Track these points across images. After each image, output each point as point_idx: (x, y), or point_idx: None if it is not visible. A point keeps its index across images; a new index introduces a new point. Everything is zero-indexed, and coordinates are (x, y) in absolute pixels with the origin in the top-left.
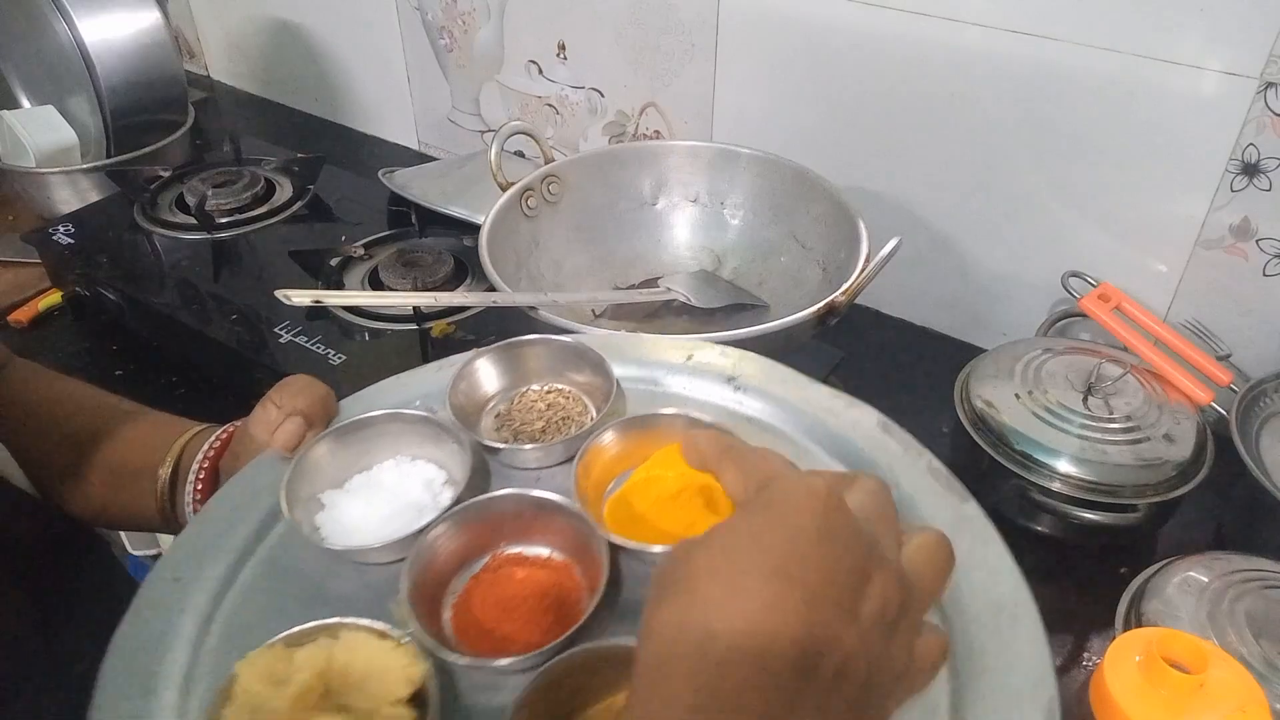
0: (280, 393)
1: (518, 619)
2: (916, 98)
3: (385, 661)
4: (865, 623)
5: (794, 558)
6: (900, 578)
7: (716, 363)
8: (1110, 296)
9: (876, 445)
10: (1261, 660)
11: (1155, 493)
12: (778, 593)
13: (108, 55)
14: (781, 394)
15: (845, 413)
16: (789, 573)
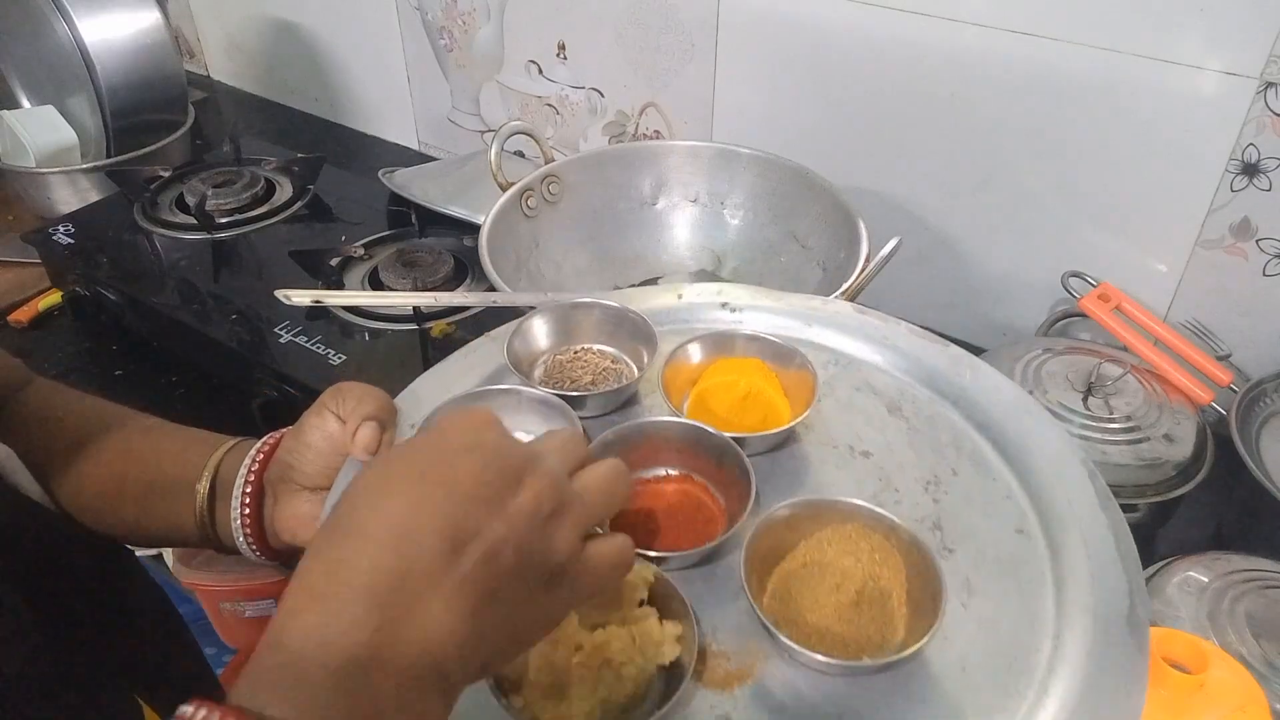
0: (338, 401)
1: (679, 525)
2: (916, 98)
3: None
4: (514, 516)
5: (440, 465)
6: (557, 483)
7: (705, 295)
8: (1110, 296)
9: (860, 324)
10: (1261, 660)
11: (1155, 493)
12: (421, 493)
13: (108, 55)
14: (769, 304)
15: (824, 306)
16: (432, 477)
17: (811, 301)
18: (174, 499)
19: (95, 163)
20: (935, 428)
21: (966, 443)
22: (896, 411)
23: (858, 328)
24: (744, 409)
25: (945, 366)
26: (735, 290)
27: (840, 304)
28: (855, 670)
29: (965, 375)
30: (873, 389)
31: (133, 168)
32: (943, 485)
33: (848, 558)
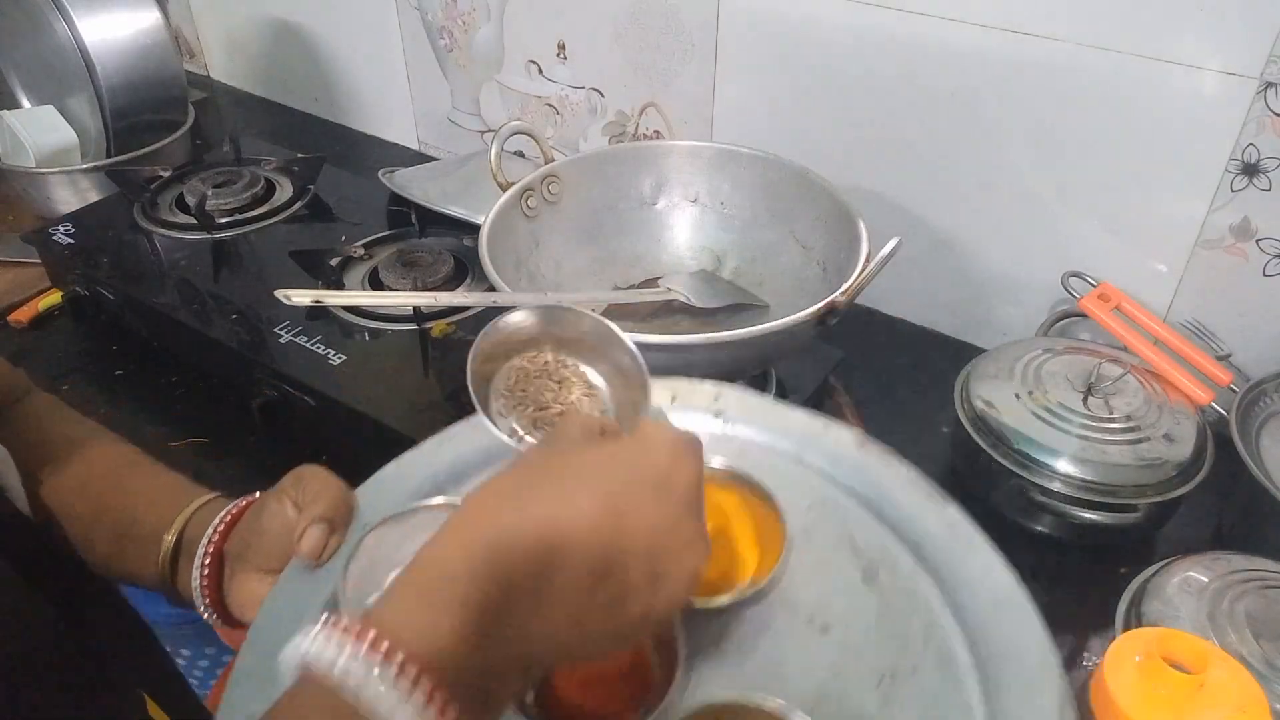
0: (298, 489)
1: (600, 695)
2: (916, 97)
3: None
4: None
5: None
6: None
7: (699, 398)
8: (1110, 296)
9: (859, 460)
10: (1261, 660)
11: (1155, 493)
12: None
13: (108, 55)
14: (764, 420)
15: (827, 431)
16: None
17: (814, 424)
18: (142, 546)
19: (95, 163)
20: (909, 607)
21: (938, 633)
22: (872, 580)
23: (856, 465)
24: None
25: (938, 533)
26: (733, 398)
27: (843, 432)
28: None
29: (959, 547)
30: (853, 545)
31: (133, 168)
32: (898, 682)
33: None
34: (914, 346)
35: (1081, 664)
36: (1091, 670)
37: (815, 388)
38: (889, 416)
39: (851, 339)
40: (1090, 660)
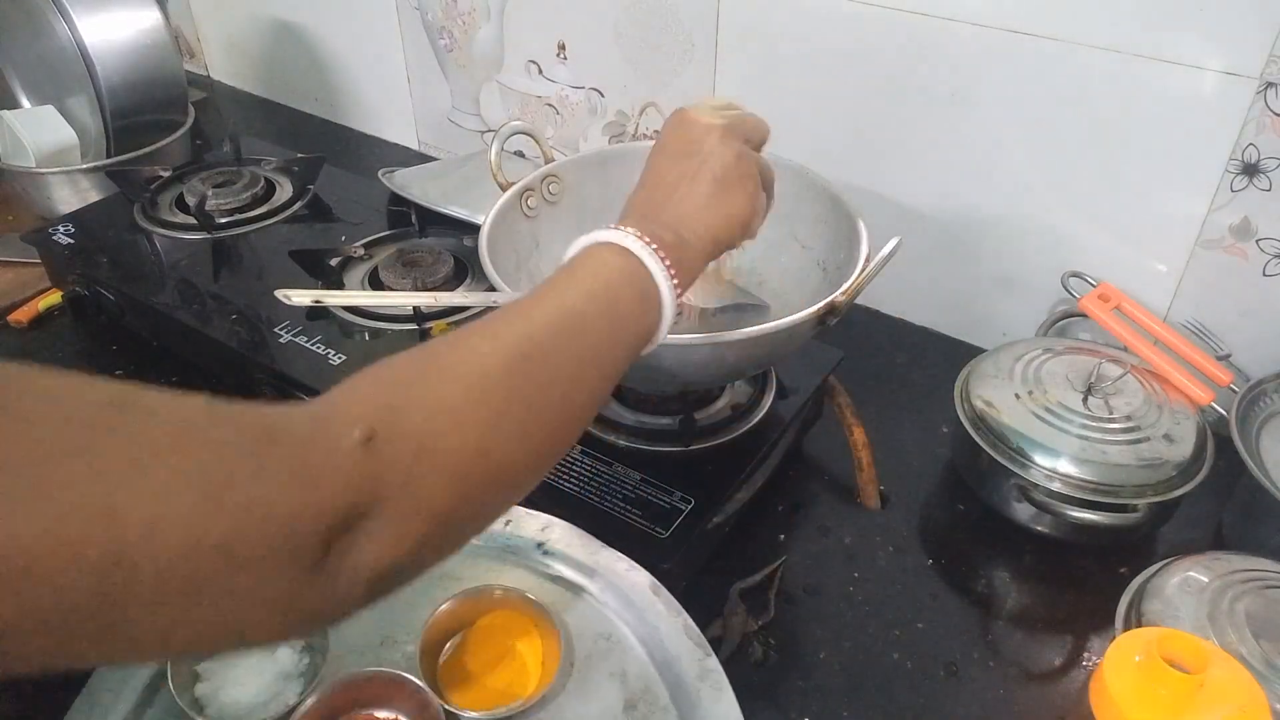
0: None
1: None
2: (916, 97)
3: None
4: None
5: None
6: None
7: (528, 528)
8: (1110, 296)
9: (647, 602)
10: (1261, 660)
11: (1155, 493)
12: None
13: (108, 55)
14: (580, 557)
15: (626, 575)
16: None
17: (618, 565)
18: None
19: (95, 163)
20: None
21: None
22: (631, 710)
23: (643, 608)
24: (496, 668)
25: (694, 677)
26: (558, 531)
27: (641, 576)
28: None
29: (707, 691)
30: (624, 678)
31: (133, 168)
32: None
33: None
34: (914, 346)
35: (1081, 664)
36: (1091, 670)
37: (815, 388)
38: (889, 416)
39: (851, 339)
40: (1090, 660)
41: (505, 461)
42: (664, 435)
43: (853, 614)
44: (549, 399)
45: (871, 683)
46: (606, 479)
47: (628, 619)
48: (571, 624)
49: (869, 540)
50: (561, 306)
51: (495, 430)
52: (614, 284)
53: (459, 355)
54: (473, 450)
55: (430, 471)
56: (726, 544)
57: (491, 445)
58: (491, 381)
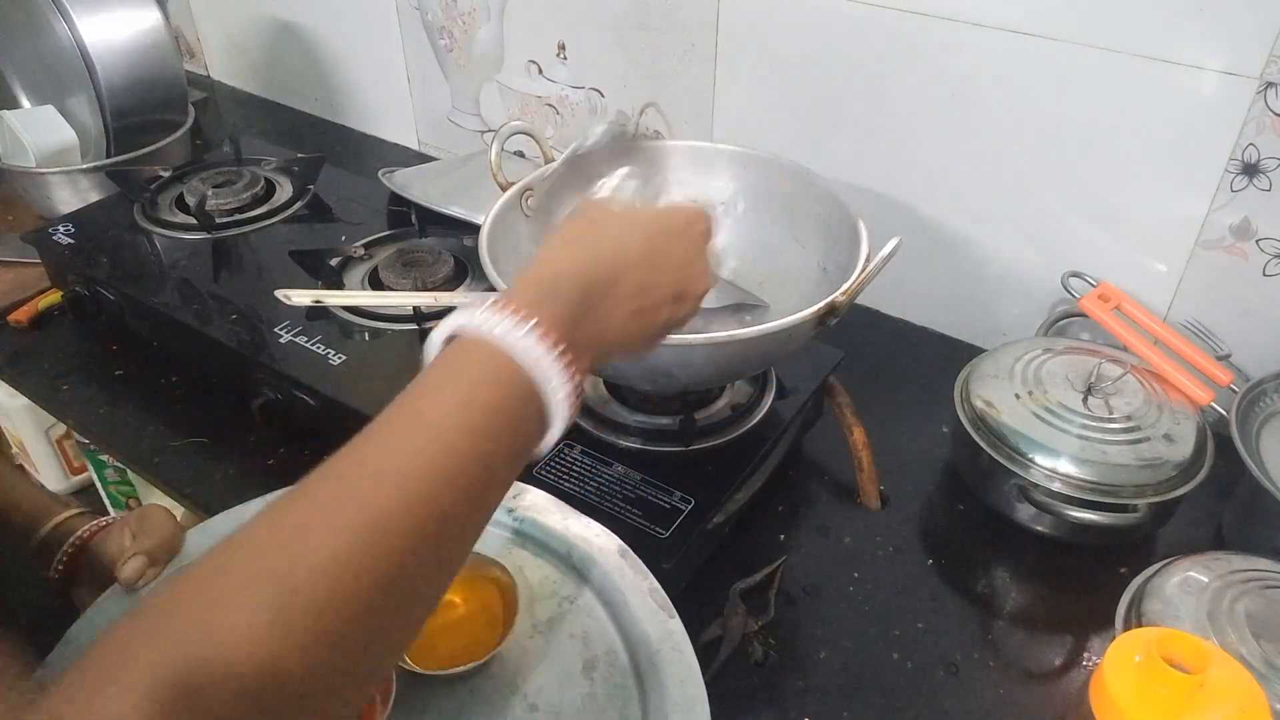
0: (138, 522)
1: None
2: (917, 98)
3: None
4: (690, 298)
5: (661, 240)
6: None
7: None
8: (1110, 296)
9: (614, 566)
10: (1261, 660)
11: (1155, 493)
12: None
13: (108, 55)
14: (550, 523)
15: (595, 540)
16: (659, 245)
17: (587, 530)
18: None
19: (95, 163)
20: (610, 699)
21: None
22: (590, 672)
23: (609, 571)
24: (456, 630)
25: (656, 639)
26: (529, 499)
27: (610, 541)
28: None
29: (667, 653)
30: (585, 640)
31: (133, 168)
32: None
33: None
34: (914, 346)
35: (1081, 664)
36: (1091, 670)
37: (815, 388)
38: (889, 416)
39: (851, 339)
40: (1090, 660)
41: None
42: (664, 435)
43: (853, 614)
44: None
45: (871, 683)
46: (606, 479)
47: (593, 582)
48: (535, 586)
49: (869, 540)
50: (410, 473)
51: (310, 658)
52: (489, 410)
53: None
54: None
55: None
56: (726, 544)
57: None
58: (304, 604)
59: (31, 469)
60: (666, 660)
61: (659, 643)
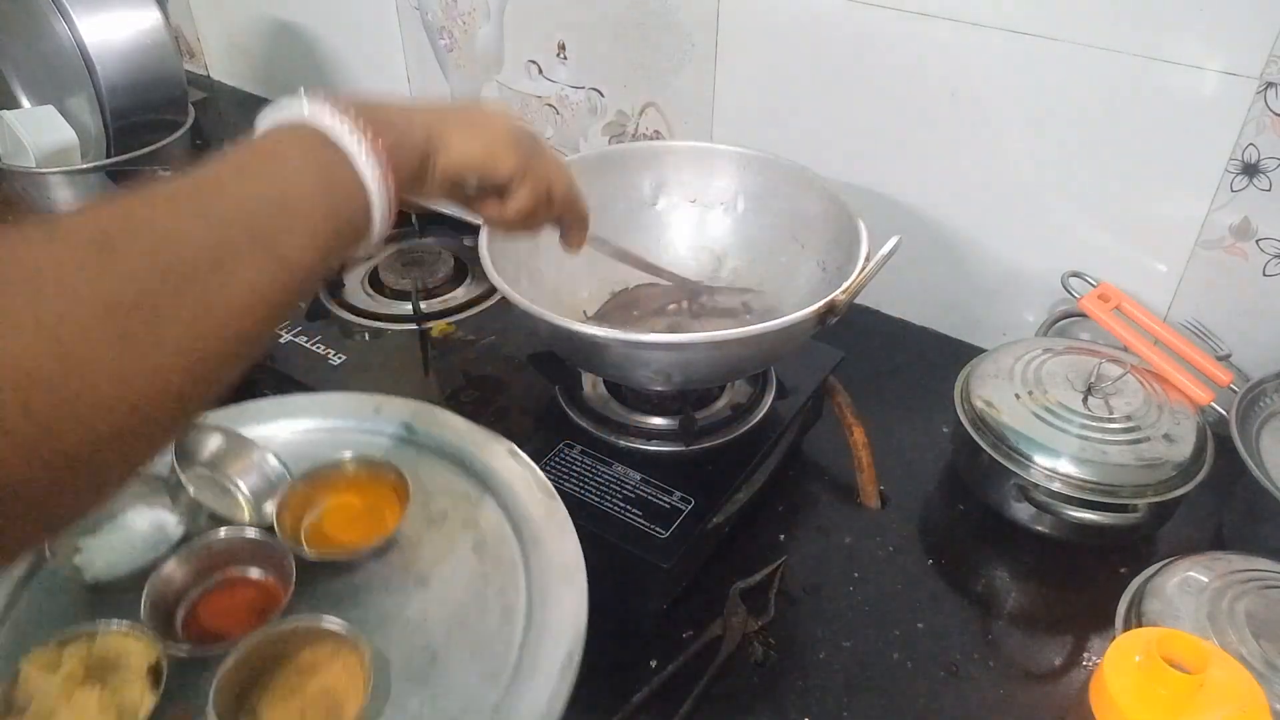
0: None
1: (231, 622)
2: (916, 97)
3: (130, 648)
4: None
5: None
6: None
7: (401, 413)
8: (1110, 296)
9: (504, 465)
10: (1261, 660)
11: (1155, 493)
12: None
13: (108, 55)
14: (449, 437)
15: (486, 444)
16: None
17: (476, 435)
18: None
19: (95, 163)
20: (498, 573)
21: (510, 594)
22: (480, 550)
23: (499, 470)
24: (353, 527)
25: (538, 521)
26: (424, 412)
27: (499, 445)
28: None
29: (553, 530)
30: (477, 526)
31: (133, 168)
32: (466, 627)
33: (326, 675)
34: (914, 346)
35: (1081, 664)
36: (1091, 670)
37: (815, 387)
38: (889, 416)
39: (851, 339)
40: (1090, 660)
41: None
42: (664, 435)
43: (853, 614)
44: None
45: (871, 683)
46: (606, 479)
47: (484, 481)
48: (431, 485)
49: (869, 540)
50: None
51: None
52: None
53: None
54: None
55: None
56: (726, 544)
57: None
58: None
59: None
60: (550, 536)
61: (543, 521)
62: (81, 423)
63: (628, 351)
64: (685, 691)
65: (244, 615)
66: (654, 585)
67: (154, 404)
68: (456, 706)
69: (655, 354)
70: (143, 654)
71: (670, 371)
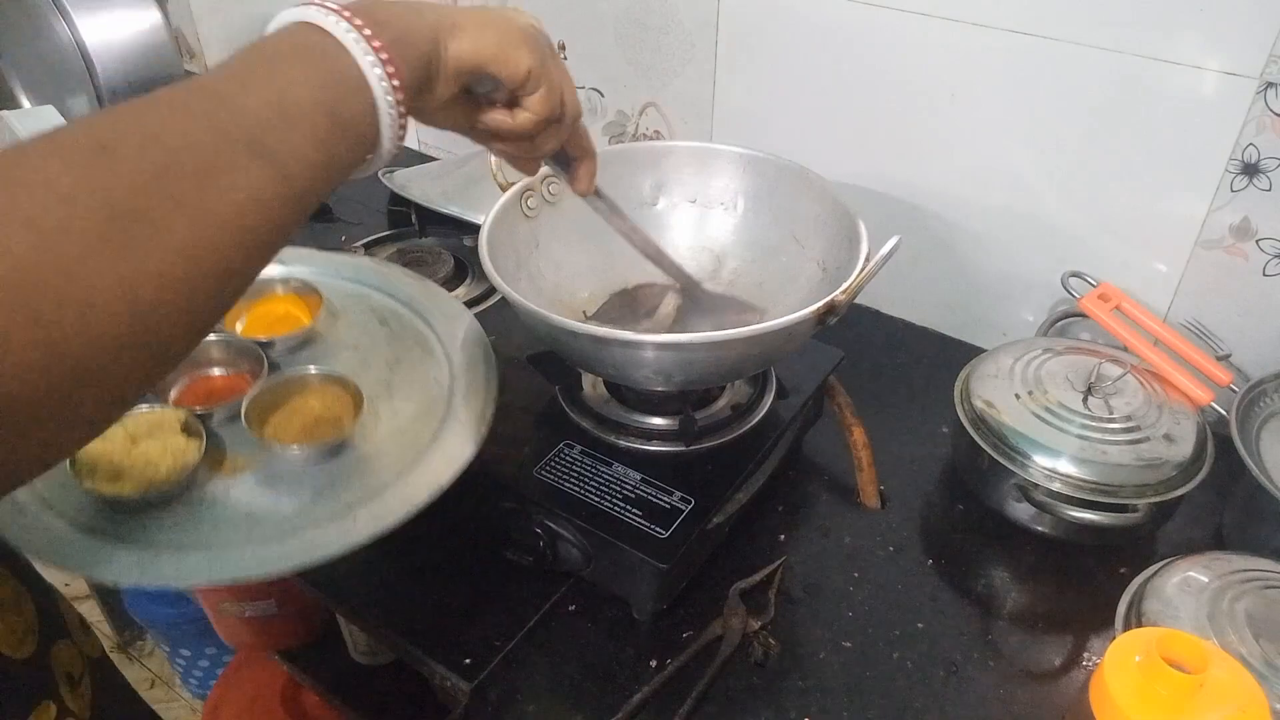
0: None
1: (218, 401)
2: (916, 97)
3: (161, 417)
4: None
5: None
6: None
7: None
8: (1110, 296)
9: (402, 281)
10: (1261, 660)
11: (1155, 493)
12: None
13: (108, 55)
14: (397, 284)
15: (378, 270)
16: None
17: (364, 263)
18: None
19: None
20: (405, 331)
21: (424, 340)
22: (385, 323)
23: (397, 281)
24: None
25: (425, 299)
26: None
27: (395, 270)
28: (306, 455)
29: (440, 305)
30: (380, 313)
31: None
32: (401, 365)
33: (313, 400)
34: (914, 346)
35: (1081, 664)
36: (1091, 670)
37: (815, 388)
38: (889, 416)
39: (851, 339)
40: (1090, 660)
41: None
42: (664, 435)
43: (853, 614)
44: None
45: (871, 683)
46: (606, 479)
47: (383, 289)
48: (342, 303)
49: (869, 540)
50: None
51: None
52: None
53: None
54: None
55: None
56: (726, 544)
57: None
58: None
59: None
60: (446, 316)
61: (429, 301)
62: (89, 331)
63: (627, 351)
64: (685, 691)
65: (227, 397)
66: (654, 585)
67: (158, 313)
68: (416, 408)
69: (655, 354)
70: (173, 418)
71: (670, 371)
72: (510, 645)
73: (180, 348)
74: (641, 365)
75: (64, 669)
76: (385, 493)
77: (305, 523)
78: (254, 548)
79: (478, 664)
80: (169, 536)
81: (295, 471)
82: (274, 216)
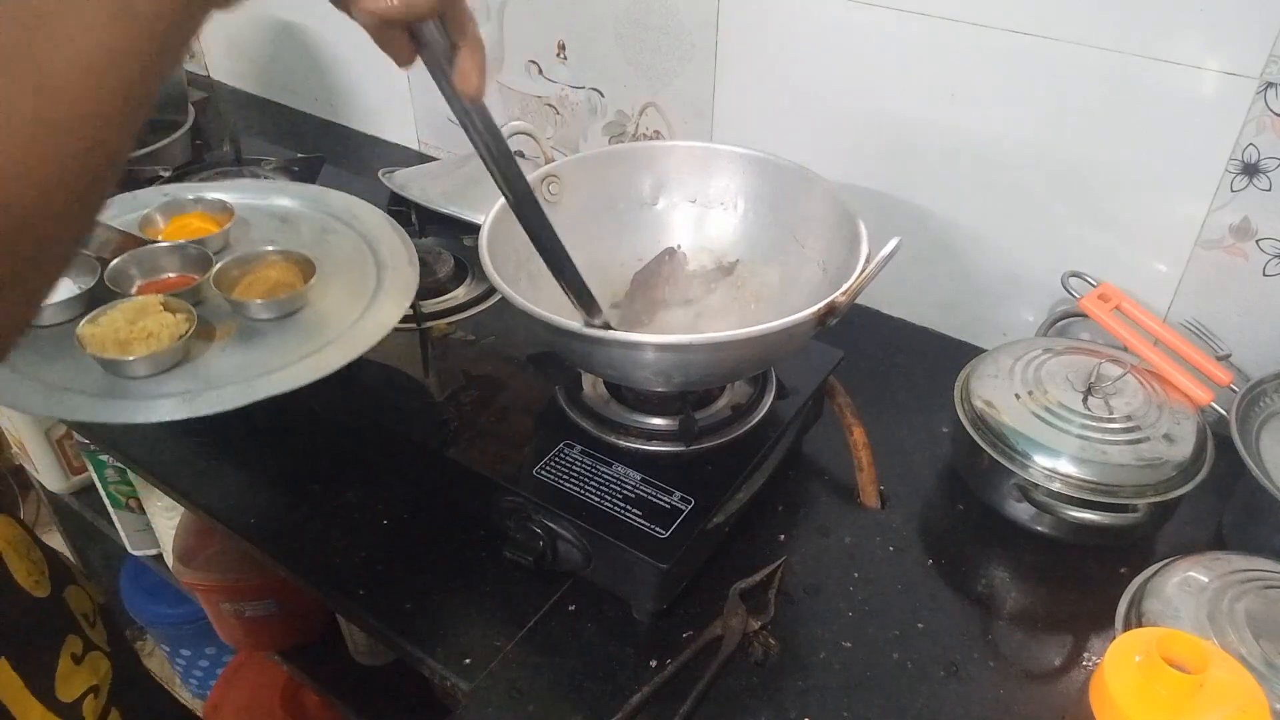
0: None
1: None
2: (916, 97)
3: (147, 302)
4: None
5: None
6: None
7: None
8: (1110, 296)
9: (356, 209)
10: (1261, 660)
11: (1155, 493)
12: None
13: None
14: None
15: (312, 194)
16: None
17: (332, 195)
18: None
19: None
20: (351, 244)
21: (366, 248)
22: (285, 220)
23: (351, 208)
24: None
25: (369, 219)
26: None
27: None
28: (272, 309)
29: (378, 223)
30: (276, 214)
31: (133, 167)
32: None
33: (271, 271)
34: (914, 346)
35: (1081, 664)
36: (1091, 670)
37: (815, 388)
38: (889, 416)
39: (851, 339)
40: (1090, 660)
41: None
42: (664, 435)
43: (853, 614)
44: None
45: (871, 683)
46: (606, 479)
47: (340, 217)
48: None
49: (869, 540)
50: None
51: None
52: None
53: None
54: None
55: None
56: (726, 544)
57: None
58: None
59: (31, 469)
60: (377, 226)
61: (376, 223)
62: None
63: (627, 352)
64: (685, 691)
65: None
66: (654, 585)
67: (43, 173)
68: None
69: (655, 355)
70: (152, 302)
71: (670, 372)
72: (510, 645)
73: (79, 220)
74: (641, 366)
75: (79, 609)
76: (352, 330)
77: (292, 359)
78: (264, 377)
79: (478, 664)
80: (187, 385)
81: (266, 325)
82: (126, 60)
